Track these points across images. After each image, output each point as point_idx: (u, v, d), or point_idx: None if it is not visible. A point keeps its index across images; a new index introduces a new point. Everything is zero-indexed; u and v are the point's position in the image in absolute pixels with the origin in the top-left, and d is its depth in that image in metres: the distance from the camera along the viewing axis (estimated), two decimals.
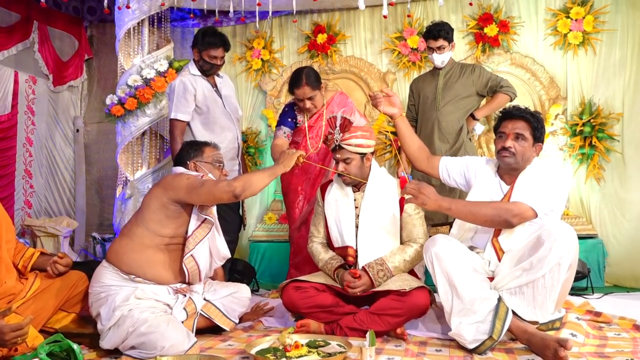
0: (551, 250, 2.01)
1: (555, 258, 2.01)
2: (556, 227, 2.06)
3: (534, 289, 2.07)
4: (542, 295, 2.07)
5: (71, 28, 4.83)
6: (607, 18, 3.71)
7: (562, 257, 2.02)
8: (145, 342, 2.00)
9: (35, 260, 2.33)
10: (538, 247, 2.05)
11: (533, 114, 2.34)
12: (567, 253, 2.03)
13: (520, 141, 2.28)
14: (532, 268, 2.06)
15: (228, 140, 3.28)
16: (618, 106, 3.69)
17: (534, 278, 2.06)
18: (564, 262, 2.03)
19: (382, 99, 2.58)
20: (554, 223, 2.10)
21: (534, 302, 2.09)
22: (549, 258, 2.02)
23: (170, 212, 2.28)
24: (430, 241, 2.28)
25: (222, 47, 3.23)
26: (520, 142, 2.28)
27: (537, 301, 2.08)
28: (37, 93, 4.59)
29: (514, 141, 2.29)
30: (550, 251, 2.01)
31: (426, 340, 2.29)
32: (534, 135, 2.30)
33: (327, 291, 2.46)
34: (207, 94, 3.24)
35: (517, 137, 2.29)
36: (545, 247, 2.02)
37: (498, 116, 2.42)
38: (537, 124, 2.31)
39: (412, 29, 4.10)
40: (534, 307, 2.09)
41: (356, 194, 2.57)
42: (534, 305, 2.09)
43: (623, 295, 3.25)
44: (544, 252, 2.03)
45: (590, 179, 3.73)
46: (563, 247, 2.02)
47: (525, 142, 2.29)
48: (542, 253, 2.03)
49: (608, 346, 2.09)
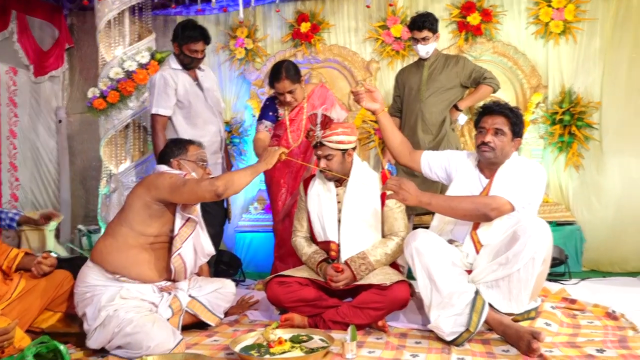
0: (526, 245, 2.08)
1: (530, 253, 2.08)
2: (531, 223, 2.12)
3: (510, 283, 2.14)
4: (517, 288, 2.14)
5: (51, 17, 4.74)
6: (588, 7, 3.74)
7: (537, 252, 2.09)
8: (131, 342, 2.04)
9: (19, 261, 2.34)
10: (513, 242, 2.11)
11: (512, 109, 2.39)
12: (541, 248, 2.10)
13: (500, 136, 2.33)
14: (507, 262, 2.12)
15: (211, 133, 3.28)
16: (597, 95, 3.74)
17: (510, 272, 2.12)
18: (538, 257, 2.09)
19: (364, 94, 2.59)
20: (529, 219, 2.16)
21: (509, 295, 2.16)
22: (523, 253, 2.08)
23: (154, 211, 2.30)
24: (411, 235, 2.33)
25: (202, 40, 3.21)
26: (500, 137, 2.33)
27: (512, 294, 2.15)
28: (19, 84, 4.52)
29: (494, 136, 2.33)
30: (525, 246, 2.08)
31: (406, 331, 2.36)
32: (512, 131, 2.35)
33: (310, 285, 2.51)
34: (189, 88, 3.24)
35: (496, 132, 2.33)
36: (521, 242, 2.09)
37: (478, 111, 2.47)
38: (516, 119, 2.35)
39: (395, 17, 4.09)
40: (510, 299, 2.16)
41: (338, 189, 2.60)
42: (510, 298, 2.16)
43: (599, 280, 3.35)
44: (519, 247, 2.09)
45: (570, 167, 3.80)
46: (537, 242, 2.08)
47: (504, 137, 2.34)
48: (517, 248, 2.09)
49: (580, 335, 2.18)
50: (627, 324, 2.28)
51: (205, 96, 3.30)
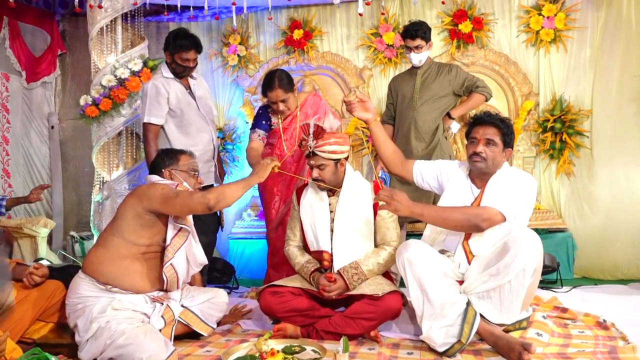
0: (517, 256, 2.10)
1: (521, 264, 2.10)
2: (521, 234, 2.14)
3: (501, 294, 2.16)
4: (508, 299, 2.16)
5: (42, 22, 4.72)
6: (578, 16, 3.77)
7: (527, 263, 2.11)
8: (123, 354, 2.04)
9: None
10: (504, 253, 2.13)
11: (503, 120, 2.41)
12: (531, 259, 2.12)
13: (491, 146, 2.35)
14: (498, 274, 2.14)
15: (203, 142, 3.28)
16: (587, 103, 3.78)
17: (501, 283, 2.14)
18: (528, 268, 2.11)
19: (356, 104, 2.60)
20: (519, 230, 2.18)
21: (500, 305, 2.17)
22: (514, 264, 2.10)
23: (145, 221, 2.30)
24: (403, 246, 2.34)
25: (194, 49, 3.21)
26: (491, 148, 2.35)
27: (503, 305, 2.17)
28: (11, 90, 4.50)
29: (485, 146, 2.36)
30: (515, 257, 2.10)
31: (399, 342, 2.37)
32: (503, 141, 2.37)
33: (303, 295, 2.52)
34: (181, 97, 3.24)
35: (487, 142, 2.36)
36: (511, 254, 2.10)
37: (469, 122, 2.48)
38: (506, 129, 2.38)
39: (387, 25, 4.11)
40: (501, 310, 2.18)
41: (331, 199, 2.61)
42: (501, 308, 2.18)
43: (591, 288, 3.38)
44: (509, 259, 2.11)
45: (561, 174, 3.83)
46: (528, 253, 2.10)
47: (495, 147, 2.36)
48: (508, 259, 2.11)
49: (571, 346, 2.19)
50: (618, 334, 2.30)
51: (197, 104, 3.30)
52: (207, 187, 3.14)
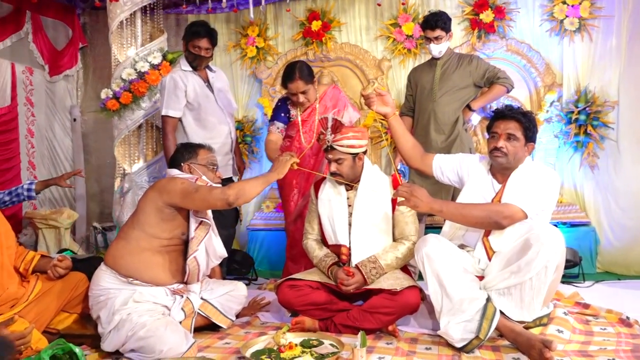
0: (538, 253, 2.06)
1: (543, 261, 2.06)
2: (544, 231, 2.10)
3: (522, 291, 2.13)
4: (529, 296, 2.13)
5: (64, 16, 4.78)
6: (604, 4, 3.67)
7: (549, 260, 2.07)
8: (144, 346, 2.07)
9: (36, 264, 2.38)
10: (526, 250, 2.10)
11: (525, 114, 2.36)
12: (553, 256, 2.08)
13: (512, 141, 2.31)
14: (520, 271, 2.11)
15: (221, 135, 3.30)
16: (613, 93, 3.68)
17: (522, 280, 2.11)
18: (550, 265, 2.08)
19: (375, 98, 2.58)
20: (541, 227, 2.14)
21: (521, 303, 2.15)
22: (536, 261, 2.07)
23: (165, 215, 2.32)
24: (422, 241, 2.33)
25: (207, 37, 3.22)
26: (512, 143, 2.31)
27: (524, 302, 2.14)
28: (35, 84, 4.59)
29: (506, 141, 2.31)
30: (537, 255, 2.06)
31: (417, 336, 2.36)
32: (525, 135, 2.33)
33: (321, 289, 2.52)
34: (198, 90, 3.25)
35: (509, 137, 2.31)
36: (533, 251, 2.07)
37: (491, 116, 2.44)
38: (528, 124, 2.33)
39: (407, 15, 4.06)
40: (522, 307, 2.15)
41: (349, 192, 2.60)
42: (522, 306, 2.15)
43: (614, 283, 3.32)
44: (531, 256, 2.07)
45: (584, 167, 3.75)
46: (550, 250, 2.07)
47: (517, 142, 2.31)
48: (529, 256, 2.08)
49: (593, 343, 2.16)
50: None
51: (215, 97, 3.31)
52: (226, 180, 3.17)
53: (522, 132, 2.31)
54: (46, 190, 4.67)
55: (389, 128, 2.66)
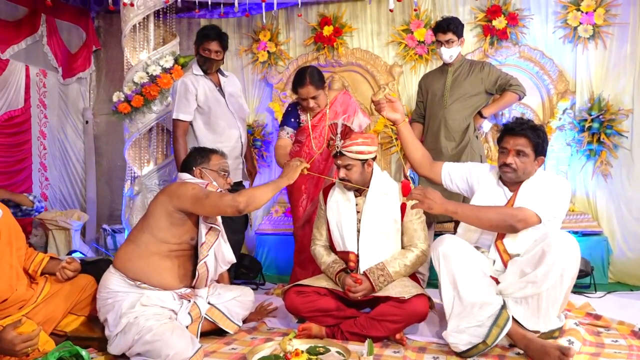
0: (554, 264, 2.05)
1: (559, 271, 2.06)
2: (559, 240, 2.08)
3: (539, 300, 2.13)
4: (545, 306, 2.12)
5: (78, 19, 4.84)
6: (618, 11, 3.63)
7: (565, 269, 2.07)
8: (151, 350, 2.07)
9: (45, 265, 2.39)
10: (542, 260, 2.09)
11: (535, 128, 2.33)
12: (569, 265, 2.07)
13: (522, 157, 2.30)
14: (536, 281, 2.10)
15: (232, 139, 3.31)
16: (628, 102, 3.63)
17: (539, 291, 2.10)
18: (566, 275, 2.08)
19: (385, 104, 2.57)
20: (557, 235, 2.12)
21: (537, 312, 2.14)
22: (552, 272, 2.06)
23: (175, 219, 2.33)
24: (439, 240, 2.31)
25: (217, 40, 3.24)
26: (522, 159, 2.30)
27: (540, 311, 2.13)
28: (48, 86, 4.64)
29: (515, 157, 2.30)
30: (553, 265, 2.05)
31: (425, 345, 2.34)
32: (535, 150, 2.30)
33: (328, 295, 2.51)
34: (209, 94, 3.27)
35: (518, 153, 2.30)
36: (549, 262, 2.06)
37: (501, 130, 2.42)
38: (537, 139, 2.30)
39: (419, 21, 4.05)
40: (538, 317, 2.14)
41: (358, 199, 2.59)
42: (538, 315, 2.14)
43: (626, 294, 3.26)
44: (547, 267, 2.06)
45: (597, 175, 3.71)
46: (566, 260, 2.06)
47: (526, 158, 2.30)
48: (545, 267, 2.07)
49: (603, 355, 2.12)
50: None
51: (227, 102, 3.32)
52: (236, 184, 3.17)
53: (531, 148, 2.29)
54: (57, 192, 4.73)
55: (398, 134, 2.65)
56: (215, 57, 3.27)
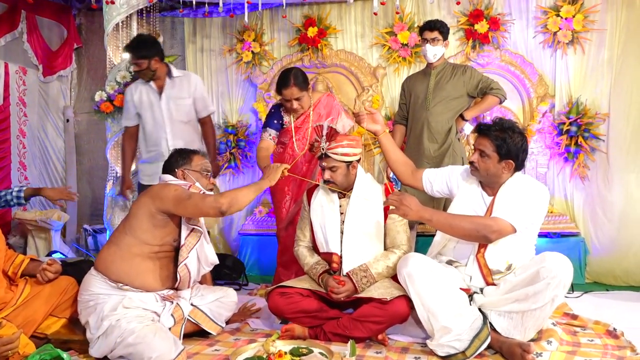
0: (548, 287, 2.07)
1: (551, 295, 2.08)
2: (556, 265, 2.09)
3: (524, 317, 2.15)
4: (529, 323, 2.16)
5: (59, 17, 4.76)
6: (597, 17, 3.70)
7: (557, 296, 2.10)
8: (133, 353, 2.07)
9: (25, 267, 2.37)
10: (536, 281, 2.10)
11: (504, 130, 2.28)
12: (562, 290, 2.10)
13: (484, 158, 2.31)
14: (526, 300, 2.12)
15: (157, 144, 3.43)
16: (604, 106, 3.71)
17: (527, 309, 2.13)
18: (557, 299, 2.12)
19: (365, 116, 2.62)
20: (556, 261, 2.11)
21: (520, 327, 2.17)
22: (544, 294, 2.08)
23: (158, 221, 2.32)
24: (402, 261, 2.32)
25: (133, 52, 3.35)
26: (484, 159, 2.31)
27: (523, 326, 2.17)
28: (28, 84, 4.56)
29: (479, 157, 2.33)
30: (547, 288, 2.07)
31: (408, 345, 2.37)
32: (498, 153, 2.28)
33: (311, 296, 2.53)
34: (144, 99, 3.42)
35: (480, 153, 2.33)
36: (543, 283, 2.07)
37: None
38: (501, 142, 2.26)
39: (403, 24, 4.08)
40: (520, 331, 2.18)
41: (342, 200, 2.61)
42: (520, 330, 2.17)
43: (602, 294, 3.34)
44: (540, 288, 2.08)
45: (575, 178, 3.79)
46: (560, 284, 2.08)
47: (488, 159, 2.30)
48: (539, 288, 2.08)
49: (578, 354, 2.17)
50: (627, 344, 2.28)
51: (162, 106, 3.40)
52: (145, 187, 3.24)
53: (493, 149, 2.28)
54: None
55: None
56: (140, 68, 3.36)
